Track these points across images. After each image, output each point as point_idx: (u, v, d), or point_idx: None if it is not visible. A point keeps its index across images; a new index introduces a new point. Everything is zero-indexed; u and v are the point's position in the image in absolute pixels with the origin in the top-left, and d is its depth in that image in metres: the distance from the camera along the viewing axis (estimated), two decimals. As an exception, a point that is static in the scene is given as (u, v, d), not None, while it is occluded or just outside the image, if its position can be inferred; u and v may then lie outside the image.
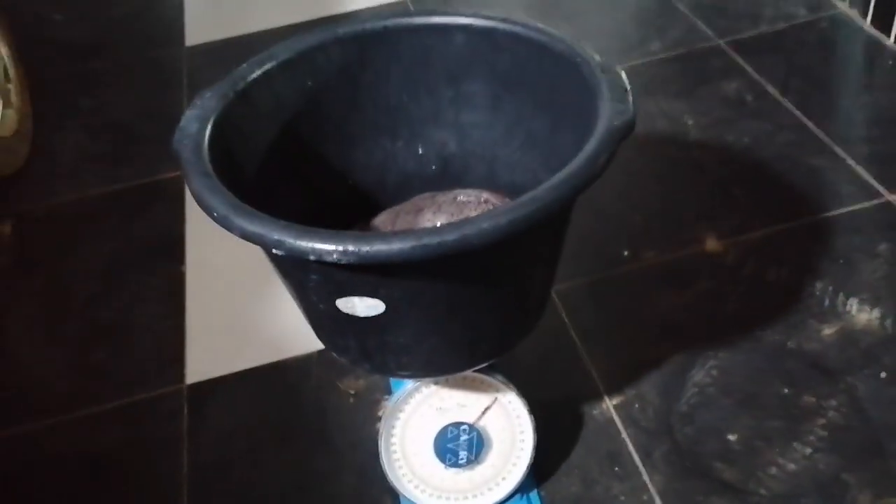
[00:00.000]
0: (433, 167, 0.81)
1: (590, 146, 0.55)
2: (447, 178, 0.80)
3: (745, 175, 1.12)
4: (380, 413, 0.88)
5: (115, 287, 1.11)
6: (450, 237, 0.50)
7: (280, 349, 0.98)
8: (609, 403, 0.87)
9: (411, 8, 1.51)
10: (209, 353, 1.00)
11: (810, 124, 1.18)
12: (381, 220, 0.75)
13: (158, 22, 1.70)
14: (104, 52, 1.63)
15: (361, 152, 0.79)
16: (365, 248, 0.50)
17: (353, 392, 0.92)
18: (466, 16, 0.73)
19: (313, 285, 0.59)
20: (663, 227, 1.06)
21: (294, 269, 0.60)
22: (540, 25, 0.70)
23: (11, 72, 1.42)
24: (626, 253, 1.03)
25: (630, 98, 0.60)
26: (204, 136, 0.62)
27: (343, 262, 0.51)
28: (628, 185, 1.13)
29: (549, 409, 0.83)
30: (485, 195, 0.74)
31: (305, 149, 0.75)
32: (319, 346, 0.77)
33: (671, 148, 1.19)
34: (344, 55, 0.74)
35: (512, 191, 0.77)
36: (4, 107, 1.35)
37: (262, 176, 0.71)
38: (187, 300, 1.07)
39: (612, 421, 0.86)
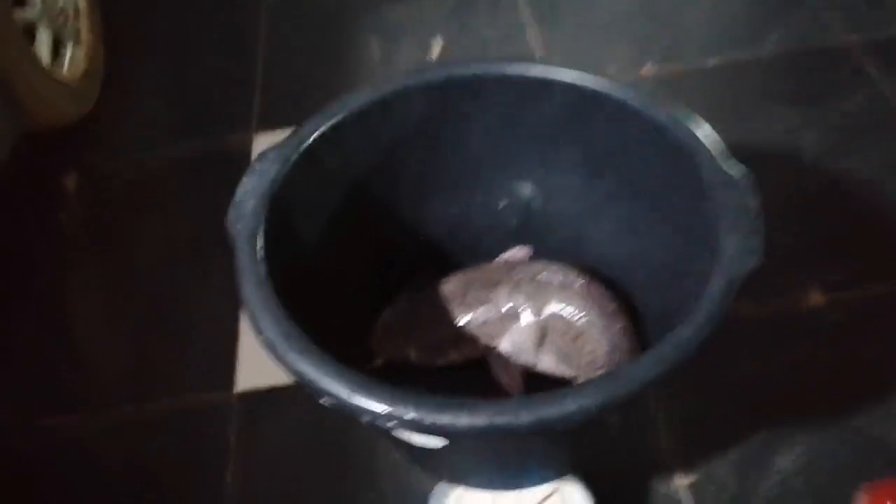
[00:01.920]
0: (514, 222, 0.73)
1: (701, 312, 0.47)
2: (528, 234, 0.73)
3: (867, 214, 0.99)
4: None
5: (180, 266, 1.07)
6: (525, 420, 0.43)
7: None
8: (680, 482, 0.81)
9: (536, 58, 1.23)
10: (263, 358, 0.96)
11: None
12: (451, 290, 0.68)
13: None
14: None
15: (437, 205, 0.71)
16: (429, 420, 0.44)
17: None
18: (571, 73, 0.63)
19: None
20: (759, 271, 0.96)
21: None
22: (660, 100, 0.60)
23: (82, 4, 1.34)
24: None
25: (760, 229, 0.50)
26: (261, 218, 0.56)
27: (403, 429, 0.45)
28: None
29: (612, 482, 0.77)
30: (570, 276, 0.66)
31: (375, 205, 0.68)
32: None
33: (779, 170, 1.06)
34: (426, 105, 0.65)
35: (600, 266, 0.69)
36: (74, 45, 1.29)
37: (326, 237, 0.64)
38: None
39: (681, 503, 0.80)
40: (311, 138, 0.61)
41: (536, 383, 0.67)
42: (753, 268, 0.48)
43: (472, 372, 0.68)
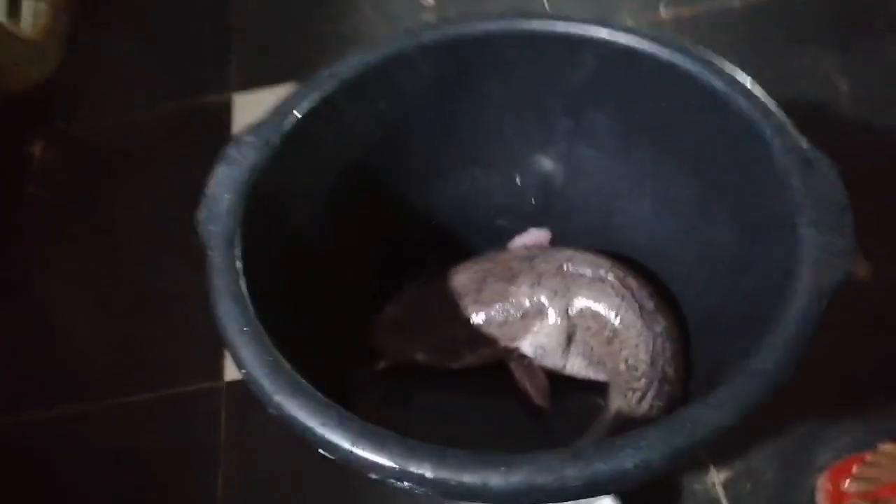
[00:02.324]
0: (532, 201, 0.63)
1: (784, 335, 0.38)
2: (549, 215, 0.63)
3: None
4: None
5: (162, 242, 0.98)
6: (572, 481, 0.35)
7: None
8: (715, 478, 0.73)
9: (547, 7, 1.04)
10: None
11: None
12: (464, 284, 0.59)
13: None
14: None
15: (447, 184, 0.62)
16: (454, 481, 0.36)
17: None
18: (603, 28, 0.53)
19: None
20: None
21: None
22: (715, 60, 0.50)
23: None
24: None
25: (850, 229, 0.41)
26: (239, 216, 0.46)
27: (420, 488, 0.36)
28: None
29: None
30: (601, 267, 0.57)
31: (376, 187, 0.59)
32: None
33: (811, 123, 0.96)
34: (433, 69, 0.55)
35: (633, 254, 0.60)
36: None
37: (320, 226, 0.55)
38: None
39: (716, 501, 0.72)
40: (297, 115, 0.51)
41: (562, 383, 0.59)
42: (846, 278, 0.39)
43: (489, 375, 0.59)
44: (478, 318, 0.58)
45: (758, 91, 0.48)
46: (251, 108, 1.08)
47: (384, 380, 0.59)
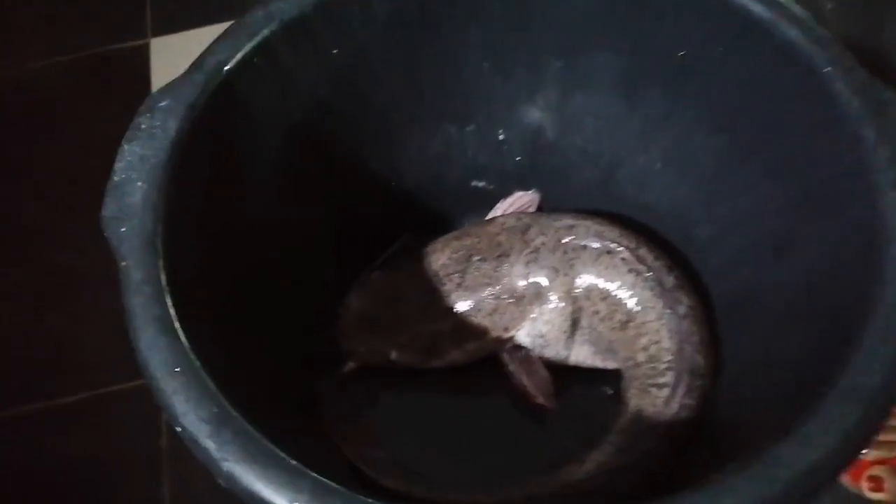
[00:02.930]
0: (517, 159, 0.53)
1: (884, 335, 0.29)
2: (537, 174, 0.53)
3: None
4: None
5: (69, 210, 0.85)
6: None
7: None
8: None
9: None
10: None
11: None
12: (443, 264, 0.49)
13: None
14: None
15: (413, 143, 0.51)
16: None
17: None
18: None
19: None
20: None
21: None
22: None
23: None
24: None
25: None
26: (159, 208, 0.35)
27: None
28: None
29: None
30: (609, 236, 0.47)
31: (330, 150, 0.48)
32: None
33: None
34: (394, 5, 0.44)
35: (639, 211, 0.51)
36: None
37: (263, 211, 0.44)
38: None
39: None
40: (227, 68, 0.40)
41: (560, 371, 0.50)
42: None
43: (479, 373, 0.50)
44: (462, 306, 0.48)
45: (808, 18, 0.38)
46: (172, 54, 0.94)
47: (353, 386, 0.50)
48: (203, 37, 0.44)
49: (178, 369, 0.30)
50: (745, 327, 0.44)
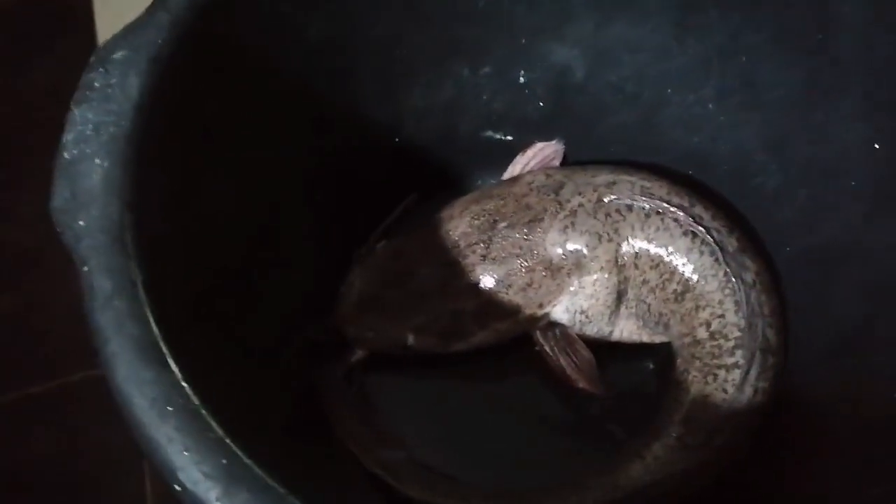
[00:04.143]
0: (540, 104, 0.46)
1: None
2: (562, 122, 0.46)
3: None
4: None
5: (15, 179, 0.75)
6: None
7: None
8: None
9: None
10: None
11: None
12: (463, 233, 0.41)
13: None
14: None
15: (420, 88, 0.43)
16: None
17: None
18: None
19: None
20: None
21: None
22: None
23: None
24: None
25: None
26: (122, 195, 0.27)
27: None
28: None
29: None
30: (658, 193, 0.40)
31: (323, 103, 0.40)
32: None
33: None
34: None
35: (684, 161, 0.44)
36: None
37: (248, 180, 0.36)
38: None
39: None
40: (198, 3, 0.31)
41: (601, 349, 0.43)
42: None
43: (507, 355, 0.43)
44: (489, 281, 0.41)
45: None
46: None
47: (361, 378, 0.43)
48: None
49: (170, 408, 0.23)
50: (824, 296, 0.38)
